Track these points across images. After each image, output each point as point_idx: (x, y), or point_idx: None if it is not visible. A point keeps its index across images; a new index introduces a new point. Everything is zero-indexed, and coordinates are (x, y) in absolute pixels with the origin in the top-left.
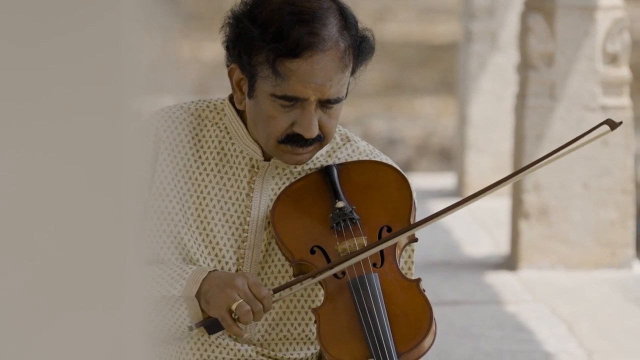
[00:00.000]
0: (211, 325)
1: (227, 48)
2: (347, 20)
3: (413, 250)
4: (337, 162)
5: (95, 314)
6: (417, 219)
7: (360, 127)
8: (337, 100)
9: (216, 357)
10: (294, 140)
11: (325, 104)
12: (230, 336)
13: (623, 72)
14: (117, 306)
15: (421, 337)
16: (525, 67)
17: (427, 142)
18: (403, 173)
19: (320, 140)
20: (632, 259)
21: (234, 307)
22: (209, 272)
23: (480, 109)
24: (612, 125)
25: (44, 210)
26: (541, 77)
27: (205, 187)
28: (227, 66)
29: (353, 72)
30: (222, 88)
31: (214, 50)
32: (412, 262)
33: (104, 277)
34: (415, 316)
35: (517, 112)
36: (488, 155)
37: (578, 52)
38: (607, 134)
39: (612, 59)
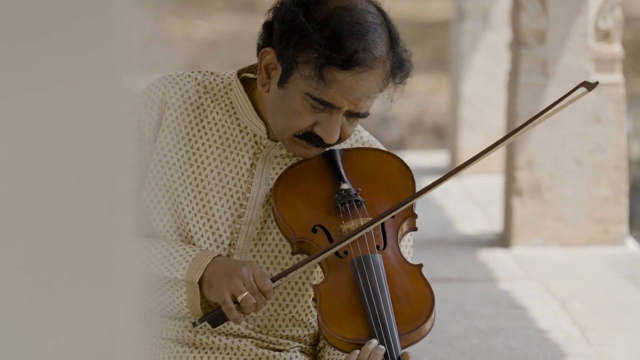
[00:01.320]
0: (214, 319)
1: (271, 32)
2: (393, 39)
3: (409, 241)
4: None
5: (85, 290)
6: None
7: None
8: (365, 115)
9: (203, 326)
10: (311, 139)
11: (353, 115)
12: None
13: (615, 48)
14: (107, 282)
15: (423, 319)
16: (517, 44)
17: (420, 120)
18: (406, 163)
19: (335, 143)
20: (625, 235)
21: (239, 298)
22: (214, 257)
23: (472, 86)
24: (589, 86)
25: (33, 190)
26: (533, 54)
27: (207, 157)
28: (259, 46)
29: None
30: (214, 67)
31: (206, 28)
32: (412, 246)
33: (93, 251)
34: (418, 299)
35: (509, 89)
36: (481, 132)
37: (570, 29)
38: (585, 95)
39: (605, 36)
